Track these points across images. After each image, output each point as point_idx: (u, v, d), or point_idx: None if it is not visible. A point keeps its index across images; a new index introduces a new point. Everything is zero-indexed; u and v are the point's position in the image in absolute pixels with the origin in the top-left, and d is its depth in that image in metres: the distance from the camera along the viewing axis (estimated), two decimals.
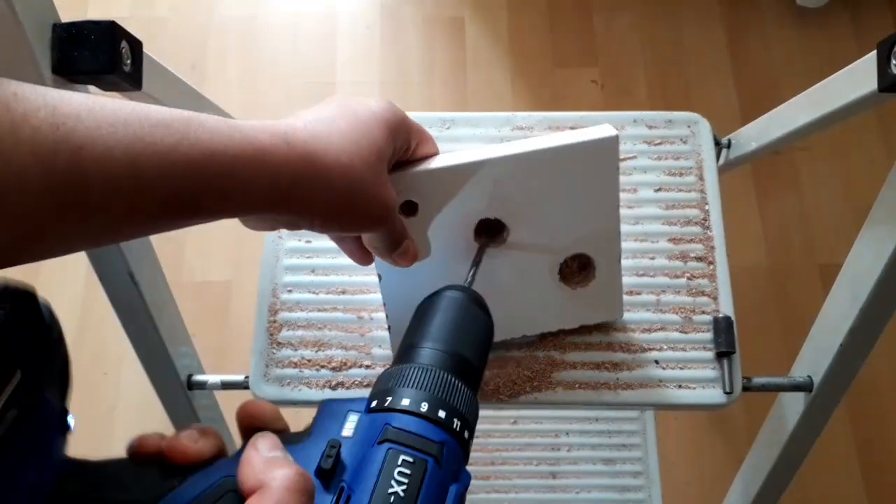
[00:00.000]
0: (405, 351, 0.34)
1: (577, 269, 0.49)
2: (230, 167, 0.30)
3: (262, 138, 0.31)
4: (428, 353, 0.34)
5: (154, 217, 0.29)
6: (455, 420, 0.30)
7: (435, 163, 0.41)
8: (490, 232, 0.46)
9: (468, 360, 0.34)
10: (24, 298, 0.29)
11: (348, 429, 0.29)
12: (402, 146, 0.39)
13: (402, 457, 0.27)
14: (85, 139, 0.26)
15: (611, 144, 0.42)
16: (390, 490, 0.26)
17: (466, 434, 0.30)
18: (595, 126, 0.43)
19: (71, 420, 0.32)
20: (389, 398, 0.30)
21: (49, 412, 0.29)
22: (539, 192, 0.43)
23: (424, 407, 0.29)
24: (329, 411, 0.30)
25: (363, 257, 0.43)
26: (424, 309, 0.37)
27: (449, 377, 0.32)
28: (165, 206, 0.29)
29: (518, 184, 0.43)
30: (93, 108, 0.27)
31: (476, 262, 0.44)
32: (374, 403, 0.30)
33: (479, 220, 0.44)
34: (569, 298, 0.49)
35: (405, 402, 0.29)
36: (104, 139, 0.27)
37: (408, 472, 0.27)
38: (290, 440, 0.29)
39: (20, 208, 0.25)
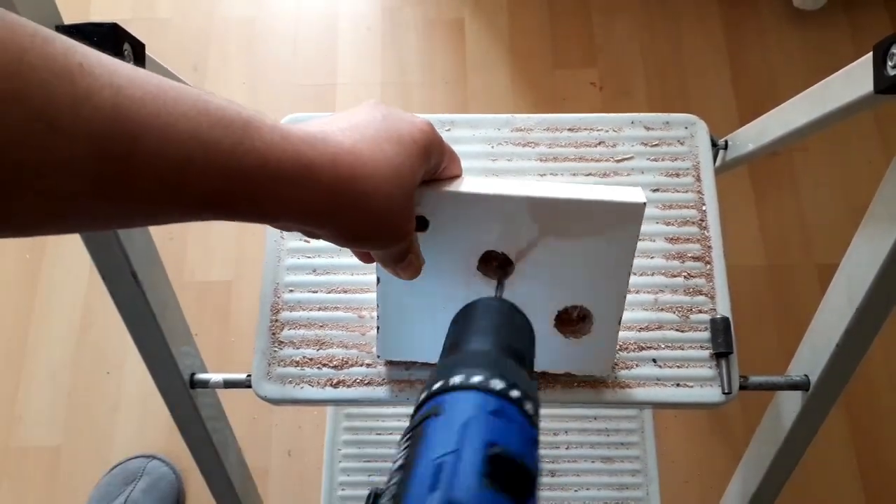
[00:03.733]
0: (456, 345, 0.33)
1: (576, 318, 0.48)
2: (275, 180, 0.30)
3: (311, 155, 0.31)
4: (483, 344, 0.33)
5: (190, 209, 0.29)
6: (537, 411, 0.29)
7: (457, 186, 0.41)
8: (495, 265, 0.45)
9: (522, 353, 0.33)
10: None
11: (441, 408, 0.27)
12: (433, 169, 0.39)
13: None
14: (143, 129, 0.26)
15: (636, 210, 0.41)
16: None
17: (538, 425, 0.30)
18: (626, 187, 0.42)
19: None
20: (474, 376, 0.28)
21: None
22: (554, 238, 0.43)
23: (515, 393, 0.28)
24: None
25: (367, 258, 0.43)
26: (466, 316, 0.36)
27: (515, 364, 0.31)
28: (204, 203, 0.29)
29: (534, 226, 0.42)
30: (157, 94, 0.26)
31: (500, 283, 0.44)
32: (457, 379, 0.28)
33: (486, 250, 0.44)
34: (560, 345, 0.49)
35: (498, 385, 0.28)
36: (162, 131, 0.26)
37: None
38: None
39: (65, 187, 0.25)
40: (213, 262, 1.15)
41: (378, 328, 0.50)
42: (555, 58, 1.28)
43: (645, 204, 0.41)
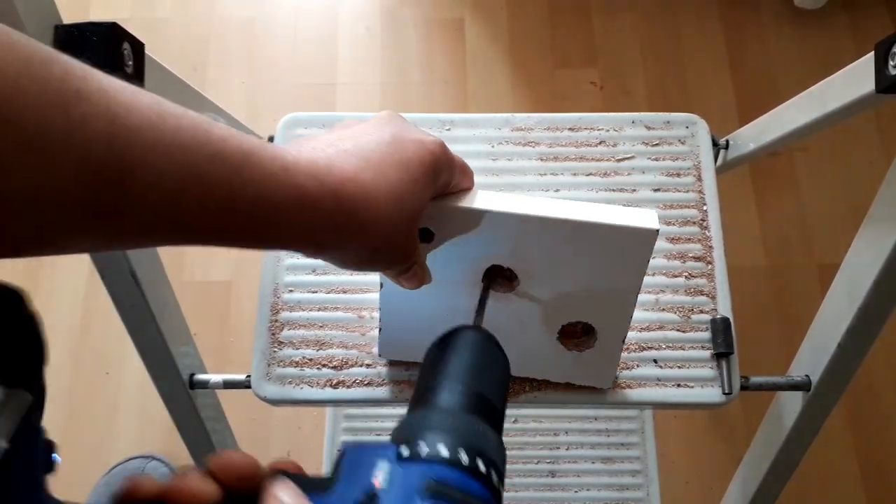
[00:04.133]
0: (425, 392, 0.33)
1: (580, 331, 0.48)
2: (272, 213, 0.29)
3: (309, 186, 0.30)
4: (451, 395, 0.32)
5: (183, 238, 0.29)
6: (492, 472, 0.28)
7: (465, 201, 0.40)
8: (500, 278, 0.45)
9: (492, 403, 0.33)
10: (11, 302, 0.27)
11: (379, 478, 0.26)
12: (442, 187, 0.38)
13: None
14: (137, 161, 0.25)
15: (649, 236, 0.40)
16: None
17: (501, 486, 0.29)
18: (639, 210, 0.41)
19: (56, 457, 0.31)
20: (423, 446, 0.27)
21: (37, 449, 0.27)
22: (562, 258, 0.42)
23: (464, 458, 0.27)
24: (354, 457, 0.28)
25: None
26: (440, 349, 0.35)
27: (479, 422, 0.30)
28: (201, 233, 0.29)
29: (543, 244, 0.41)
30: (155, 123, 0.26)
31: (481, 303, 0.43)
32: (405, 451, 0.28)
33: (491, 264, 0.44)
34: (563, 356, 0.49)
35: (443, 452, 0.27)
36: (157, 163, 0.26)
37: None
38: (311, 486, 0.26)
39: (57, 216, 0.24)
40: (213, 263, 1.15)
41: (380, 329, 0.50)
42: (555, 57, 1.28)
43: (658, 231, 0.40)
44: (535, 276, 0.43)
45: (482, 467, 0.27)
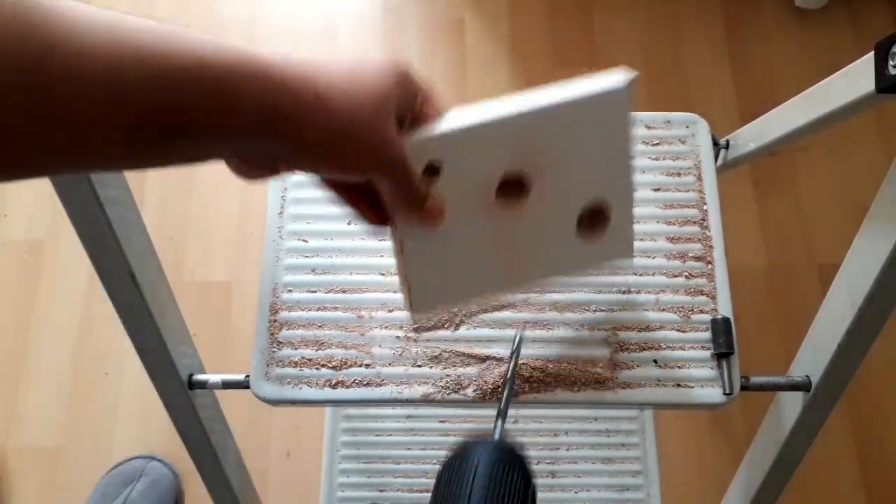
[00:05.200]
0: None
1: (590, 222, 0.49)
2: (220, 78, 0.27)
3: (261, 53, 0.29)
4: None
5: (129, 137, 0.26)
6: None
7: (457, 120, 0.41)
8: (512, 195, 0.46)
9: None
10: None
11: None
12: (410, 95, 0.37)
13: None
14: (60, 35, 0.24)
15: (620, 95, 0.44)
16: None
17: None
18: (612, 76, 0.44)
19: None
20: None
21: None
22: (560, 143, 0.44)
23: None
24: None
25: (373, 214, 0.40)
26: (458, 471, 0.34)
27: None
28: (142, 122, 0.26)
29: (540, 137, 0.43)
30: (71, 5, 0.25)
31: (502, 414, 0.42)
32: None
33: (500, 178, 0.44)
34: (585, 249, 0.49)
35: None
36: (81, 37, 0.24)
37: None
38: None
39: None
40: (212, 263, 1.15)
41: (409, 287, 0.47)
42: (555, 57, 1.28)
43: (627, 85, 0.43)
44: (541, 172, 0.45)
45: None
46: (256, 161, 0.33)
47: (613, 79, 0.44)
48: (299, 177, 0.59)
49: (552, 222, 0.47)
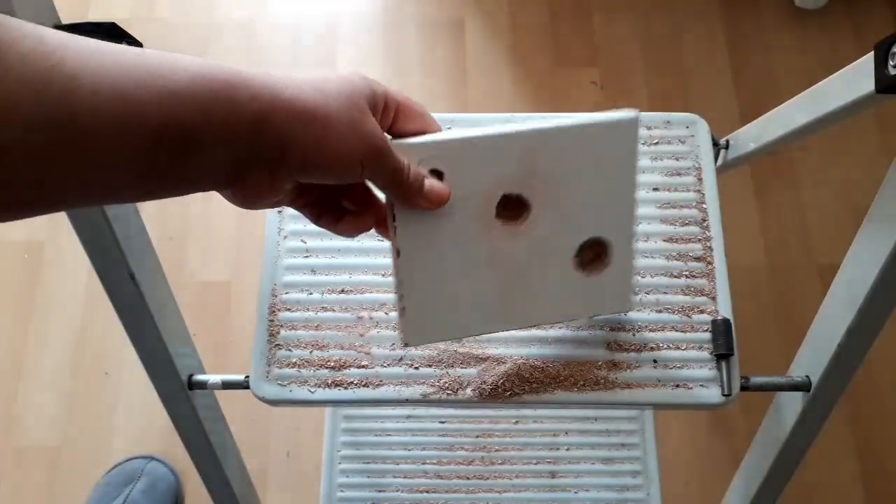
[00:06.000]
0: None
1: (590, 259, 0.49)
2: (216, 93, 0.31)
3: (236, 69, 0.33)
4: None
5: (145, 155, 0.29)
6: None
7: (462, 132, 0.42)
8: (511, 216, 0.46)
9: None
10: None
11: None
12: (378, 95, 0.37)
13: None
14: (76, 68, 0.26)
15: (630, 125, 0.44)
16: None
17: None
18: (621, 111, 0.45)
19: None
20: None
21: None
22: (562, 168, 0.44)
23: None
24: None
25: (382, 223, 0.42)
26: None
27: None
28: (157, 139, 0.29)
29: (544, 158, 0.44)
30: (76, 39, 0.27)
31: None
32: None
33: (501, 195, 0.44)
34: (582, 286, 0.49)
35: None
36: (94, 69, 0.27)
37: None
38: None
39: (5, 137, 0.24)
40: (212, 263, 1.15)
41: (402, 310, 0.46)
42: (555, 57, 1.28)
43: (637, 118, 0.44)
44: (542, 196, 0.45)
45: None
46: (251, 179, 0.34)
47: (622, 112, 0.45)
48: None
49: (550, 251, 0.47)
